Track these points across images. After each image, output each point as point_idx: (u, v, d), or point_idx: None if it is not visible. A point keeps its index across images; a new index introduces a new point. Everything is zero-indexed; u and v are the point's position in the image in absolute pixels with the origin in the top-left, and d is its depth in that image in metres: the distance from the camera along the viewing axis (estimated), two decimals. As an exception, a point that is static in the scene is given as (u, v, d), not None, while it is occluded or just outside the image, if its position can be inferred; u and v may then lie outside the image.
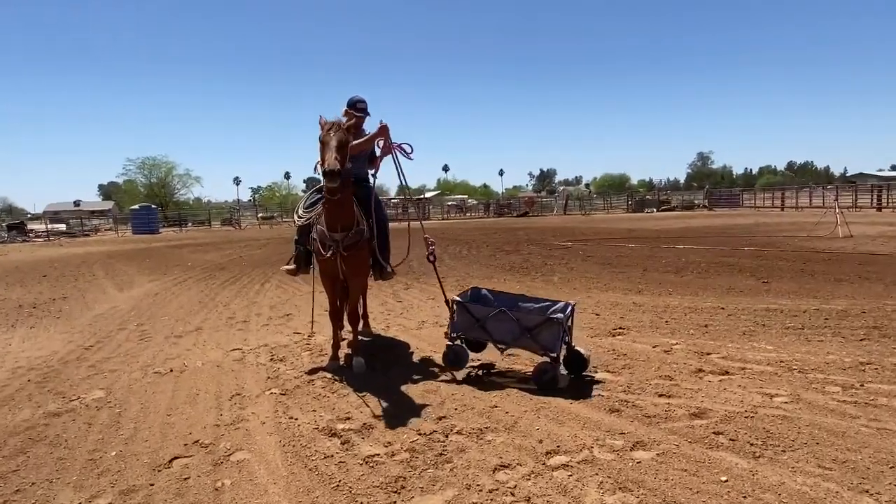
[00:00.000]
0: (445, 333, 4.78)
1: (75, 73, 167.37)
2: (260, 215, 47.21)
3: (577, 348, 4.62)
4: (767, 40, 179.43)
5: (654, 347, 5.23)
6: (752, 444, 3.24)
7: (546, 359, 4.30)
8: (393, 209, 46.77)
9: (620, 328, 5.99)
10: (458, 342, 4.65)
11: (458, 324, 4.59)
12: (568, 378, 4.44)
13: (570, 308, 4.64)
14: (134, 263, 15.63)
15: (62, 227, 41.17)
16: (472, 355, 4.98)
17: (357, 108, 5.23)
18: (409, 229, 5.54)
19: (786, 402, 3.83)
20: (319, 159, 4.41)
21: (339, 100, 5.34)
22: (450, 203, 53.33)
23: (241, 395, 4.41)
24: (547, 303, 4.85)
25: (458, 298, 4.68)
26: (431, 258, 5.19)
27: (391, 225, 5.65)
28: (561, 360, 4.37)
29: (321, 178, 4.51)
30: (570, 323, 4.60)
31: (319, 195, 5.12)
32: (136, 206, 40.43)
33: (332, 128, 4.38)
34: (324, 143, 4.34)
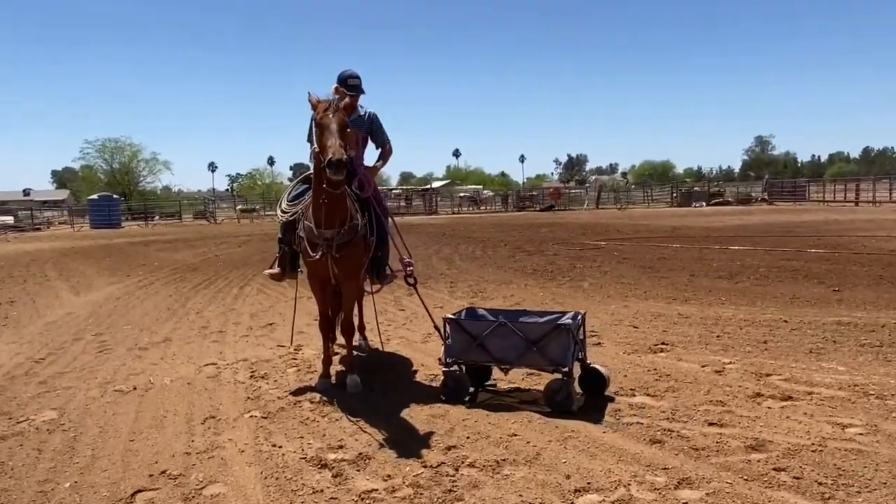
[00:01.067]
0: (439, 360, 4.80)
1: (25, 42, 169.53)
2: (239, 207, 47.54)
3: (595, 366, 4.66)
4: (837, 3, 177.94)
5: (703, 367, 5.21)
6: (820, 484, 3.20)
7: (557, 375, 4.34)
8: (394, 201, 46.94)
9: (663, 344, 5.98)
10: (456, 368, 4.66)
11: (453, 346, 4.61)
12: (582, 398, 4.50)
13: (580, 317, 4.68)
14: (92, 262, 15.78)
15: (9, 219, 41.65)
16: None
17: (348, 85, 5.20)
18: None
19: (861, 434, 3.79)
20: (317, 146, 4.41)
21: (332, 73, 5.36)
22: (462, 195, 53.32)
23: (216, 419, 4.43)
24: (554, 314, 4.89)
25: (450, 316, 4.70)
26: (411, 280, 5.19)
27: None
28: (574, 377, 4.41)
29: (314, 167, 4.52)
30: (581, 334, 4.64)
31: (306, 185, 5.13)
32: (94, 196, 40.80)
33: (328, 108, 4.38)
34: (322, 127, 4.33)
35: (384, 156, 5.60)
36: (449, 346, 4.62)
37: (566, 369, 4.30)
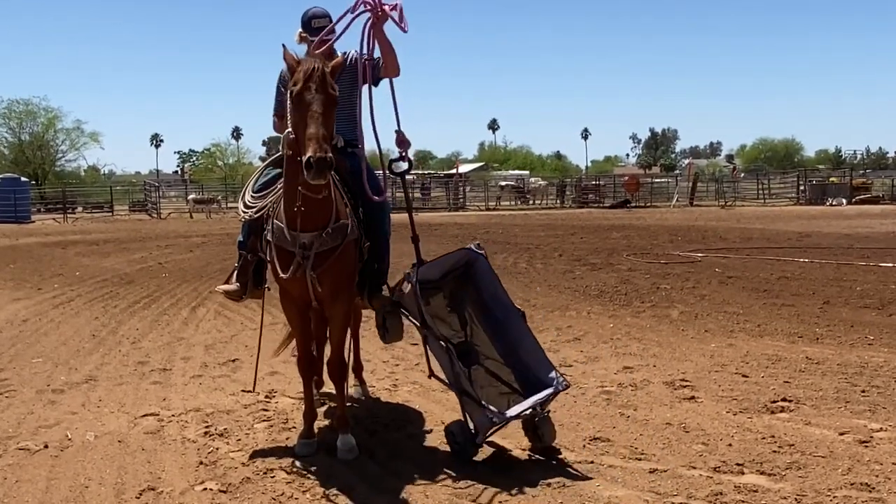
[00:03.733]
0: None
1: None
2: (191, 197, 48.07)
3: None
4: None
5: (841, 435, 5.13)
6: None
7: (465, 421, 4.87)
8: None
9: (785, 400, 5.91)
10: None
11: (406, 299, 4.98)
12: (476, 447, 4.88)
13: (545, 396, 4.93)
14: (-9, 270, 16.03)
15: None
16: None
17: (312, 29, 5.19)
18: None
19: None
20: (292, 131, 4.44)
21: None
22: (505, 183, 53.26)
23: (157, 491, 4.45)
24: (538, 362, 5.13)
25: (411, 273, 4.93)
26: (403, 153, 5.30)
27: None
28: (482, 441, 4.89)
29: (286, 157, 4.56)
30: (529, 410, 4.93)
31: (279, 170, 5.16)
32: (-5, 179, 41.57)
33: (312, 76, 4.35)
34: (302, 106, 4.34)
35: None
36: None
37: (477, 442, 4.82)
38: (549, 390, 4.96)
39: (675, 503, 4.15)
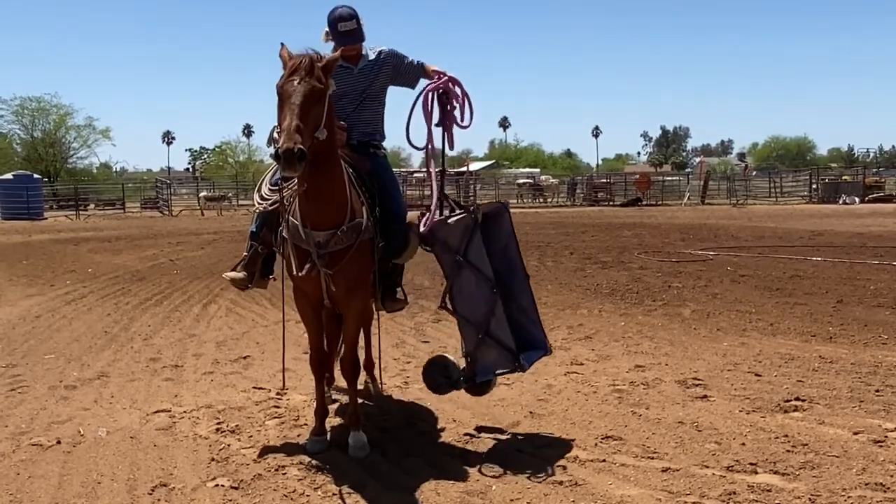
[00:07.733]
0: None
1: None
2: (203, 194, 48.20)
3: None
4: None
5: (855, 434, 5.10)
6: None
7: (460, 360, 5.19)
8: (415, 188, 46.80)
9: (798, 399, 5.88)
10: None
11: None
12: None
13: (538, 356, 5.38)
14: (3, 266, 16.14)
15: None
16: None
17: (339, 33, 5.18)
18: None
19: None
20: (277, 125, 4.44)
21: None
22: (522, 181, 53.14)
23: (169, 487, 4.47)
24: (531, 322, 5.40)
25: (474, 209, 5.15)
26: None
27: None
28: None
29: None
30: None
31: None
32: (8, 176, 41.78)
33: (297, 70, 4.35)
34: (282, 98, 4.34)
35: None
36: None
37: (484, 381, 5.18)
38: (542, 352, 5.42)
39: (687, 502, 4.14)
